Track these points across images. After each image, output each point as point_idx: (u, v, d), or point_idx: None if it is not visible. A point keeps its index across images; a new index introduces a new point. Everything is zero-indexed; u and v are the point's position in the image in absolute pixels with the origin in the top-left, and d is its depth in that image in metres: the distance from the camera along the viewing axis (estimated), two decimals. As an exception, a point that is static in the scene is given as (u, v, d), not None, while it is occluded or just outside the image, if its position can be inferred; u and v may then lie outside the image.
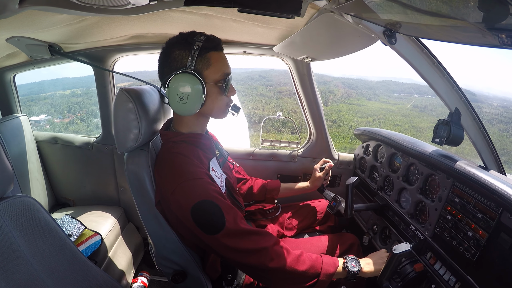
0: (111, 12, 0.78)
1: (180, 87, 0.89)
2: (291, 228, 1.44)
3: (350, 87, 39.93)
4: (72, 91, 17.45)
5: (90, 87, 16.47)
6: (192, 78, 0.89)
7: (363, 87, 41.58)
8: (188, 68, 0.89)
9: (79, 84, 18.18)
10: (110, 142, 1.82)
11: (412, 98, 31.13)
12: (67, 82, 19.16)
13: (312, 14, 0.93)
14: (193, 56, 0.89)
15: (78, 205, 1.97)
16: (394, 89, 38.88)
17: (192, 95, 0.89)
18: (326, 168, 1.46)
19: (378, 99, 34.20)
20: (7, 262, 0.70)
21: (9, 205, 0.73)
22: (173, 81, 0.89)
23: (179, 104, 0.90)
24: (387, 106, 29.07)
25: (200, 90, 0.90)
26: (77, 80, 19.38)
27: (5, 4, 0.57)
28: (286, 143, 1.81)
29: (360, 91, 38.25)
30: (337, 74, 74.12)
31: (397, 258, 0.90)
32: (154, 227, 0.98)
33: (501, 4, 0.39)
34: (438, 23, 0.57)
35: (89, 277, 0.88)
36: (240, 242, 0.85)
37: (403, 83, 45.49)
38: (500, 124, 29.92)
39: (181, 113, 0.95)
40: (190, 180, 0.86)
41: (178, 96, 0.89)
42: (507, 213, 0.78)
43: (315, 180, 1.46)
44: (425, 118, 23.22)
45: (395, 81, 47.13)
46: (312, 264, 0.91)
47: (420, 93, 40.76)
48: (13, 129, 1.71)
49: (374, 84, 39.64)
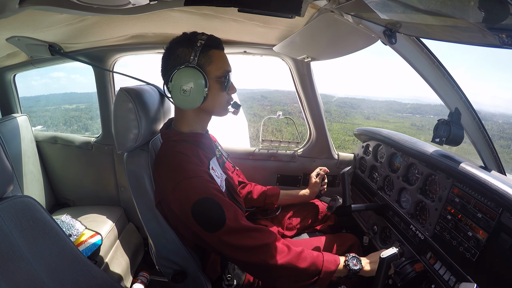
0: (111, 12, 0.78)
1: (183, 80, 0.92)
2: (291, 228, 1.44)
3: (351, 107, 39.89)
4: (77, 105, 17.97)
5: (94, 103, 16.96)
6: (195, 72, 0.92)
7: (365, 107, 41.58)
8: (191, 63, 0.92)
9: (85, 99, 18.68)
10: (110, 142, 1.82)
11: (414, 118, 30.79)
12: (74, 96, 19.71)
13: (312, 14, 0.93)
14: (196, 52, 0.92)
15: (78, 205, 1.97)
16: (397, 108, 38.69)
17: (195, 88, 0.92)
18: (321, 173, 1.50)
19: (378, 118, 33.85)
20: (7, 262, 0.70)
21: (9, 205, 0.73)
22: (177, 75, 0.92)
23: (182, 97, 0.93)
24: (384, 125, 28.69)
25: (203, 84, 0.93)
26: (84, 96, 19.87)
27: (5, 4, 0.57)
28: (286, 143, 1.81)
29: (362, 110, 38.10)
30: (341, 94, 74.59)
31: (386, 263, 0.89)
32: (154, 227, 0.98)
33: (501, 4, 0.39)
34: (438, 23, 0.57)
35: (89, 277, 0.88)
36: (241, 239, 0.85)
37: (406, 103, 45.40)
38: (501, 140, 29.82)
39: (184, 107, 0.96)
40: (190, 178, 0.86)
41: (181, 89, 0.92)
42: (507, 213, 0.78)
43: (312, 186, 1.49)
44: (420, 136, 23.09)
45: (398, 101, 47.23)
46: (313, 261, 0.90)
47: (422, 113, 40.79)
48: (13, 129, 1.71)
49: (378, 103, 39.45)
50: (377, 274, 0.91)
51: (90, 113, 16.14)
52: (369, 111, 29.97)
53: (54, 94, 16.89)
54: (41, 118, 12.96)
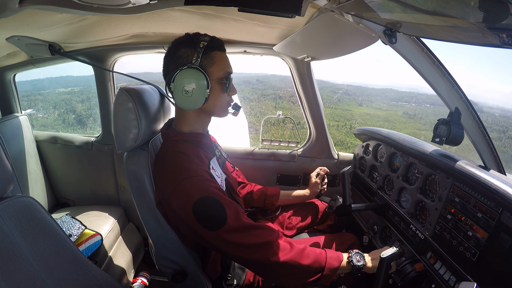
0: (111, 12, 0.78)
1: (185, 81, 0.92)
2: (291, 227, 1.44)
3: (346, 93, 39.24)
4: (72, 88, 17.87)
5: (89, 86, 16.81)
6: (197, 73, 0.92)
7: (360, 94, 40.78)
8: (193, 64, 0.93)
9: (81, 82, 18.55)
10: (110, 141, 1.81)
11: (408, 107, 29.82)
12: (70, 80, 19.61)
13: (312, 13, 0.93)
14: (198, 54, 0.93)
15: (78, 205, 1.97)
16: (393, 97, 37.87)
17: (197, 89, 0.93)
18: (321, 173, 1.50)
19: (371, 105, 32.97)
20: (7, 262, 0.70)
21: (9, 205, 0.73)
22: (179, 76, 0.93)
23: (184, 98, 0.93)
24: (376, 112, 27.80)
25: (205, 85, 0.93)
26: (80, 79, 19.74)
27: (5, 3, 0.57)
28: (286, 143, 1.81)
29: (356, 97, 37.35)
30: (339, 81, 73.74)
31: (387, 263, 0.89)
32: (154, 227, 0.98)
33: (501, 4, 0.39)
34: (438, 22, 0.57)
35: (89, 277, 0.88)
36: (243, 237, 0.85)
37: (403, 91, 44.58)
38: (493, 132, 29.33)
39: (185, 107, 0.96)
40: (190, 178, 0.86)
41: (183, 90, 0.92)
42: (507, 213, 0.78)
43: (312, 186, 1.50)
44: (410, 125, 22.09)
45: (395, 89, 46.28)
46: (316, 258, 0.90)
47: (419, 102, 40.24)
48: (13, 129, 1.71)
49: (375, 91, 38.69)
50: (377, 274, 0.91)
51: (81, 96, 16.01)
52: (363, 98, 29.23)
53: (50, 77, 16.83)
54: (32, 102, 13.08)
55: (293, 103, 3.90)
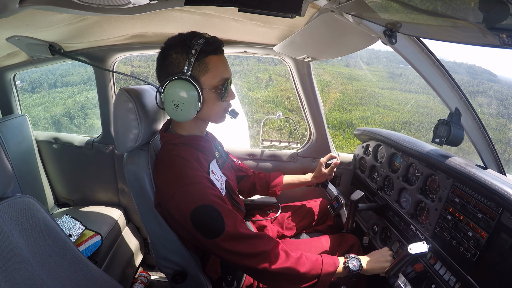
0: (111, 12, 0.78)
1: (175, 94, 0.86)
2: (290, 228, 1.44)
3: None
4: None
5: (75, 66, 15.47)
6: (187, 85, 0.87)
7: (353, 55, 37.30)
8: (184, 74, 0.87)
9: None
10: (110, 142, 1.81)
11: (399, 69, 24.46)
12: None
13: (312, 13, 0.93)
14: (190, 61, 0.86)
15: (78, 205, 1.97)
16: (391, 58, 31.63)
17: (187, 103, 0.87)
18: (332, 165, 1.47)
19: (360, 66, 26.98)
20: (7, 262, 0.69)
21: (9, 205, 0.73)
22: (169, 87, 0.87)
23: (174, 111, 0.89)
24: (358, 72, 21.67)
25: (196, 97, 0.88)
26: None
27: (5, 4, 0.57)
28: (286, 143, 1.81)
29: (347, 58, 31.88)
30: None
31: (412, 259, 0.88)
32: (154, 228, 0.98)
33: (501, 4, 0.39)
34: (438, 23, 0.57)
35: (89, 277, 0.88)
36: (240, 246, 0.85)
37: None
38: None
39: (177, 120, 0.93)
40: (189, 185, 0.85)
41: (173, 103, 0.87)
42: (507, 213, 0.78)
43: (320, 175, 1.47)
44: (386, 84, 17.40)
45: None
46: (312, 265, 0.90)
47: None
48: (13, 129, 1.71)
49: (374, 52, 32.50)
50: (395, 264, 0.91)
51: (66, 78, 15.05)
52: (354, 60, 24.77)
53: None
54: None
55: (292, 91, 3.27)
